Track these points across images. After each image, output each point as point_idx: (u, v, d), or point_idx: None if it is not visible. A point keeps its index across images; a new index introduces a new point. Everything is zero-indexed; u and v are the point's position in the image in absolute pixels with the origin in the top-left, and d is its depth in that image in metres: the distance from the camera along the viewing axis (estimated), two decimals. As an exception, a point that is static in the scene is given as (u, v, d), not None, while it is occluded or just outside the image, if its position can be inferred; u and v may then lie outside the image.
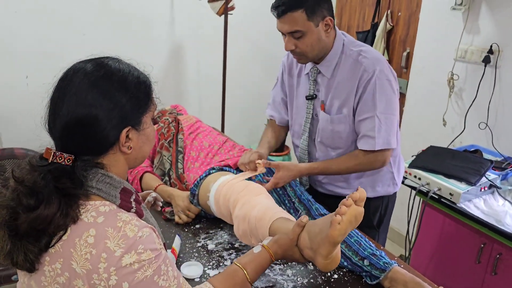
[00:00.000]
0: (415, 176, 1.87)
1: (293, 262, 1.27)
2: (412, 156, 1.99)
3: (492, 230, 1.61)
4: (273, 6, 1.37)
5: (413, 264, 2.01)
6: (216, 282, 0.94)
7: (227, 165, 1.59)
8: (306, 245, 1.03)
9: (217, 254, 1.33)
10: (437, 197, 1.78)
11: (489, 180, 1.75)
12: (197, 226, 1.49)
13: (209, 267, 1.27)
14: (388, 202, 1.67)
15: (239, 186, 1.36)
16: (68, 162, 0.78)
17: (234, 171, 1.57)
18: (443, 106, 2.31)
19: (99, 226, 0.75)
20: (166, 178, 1.67)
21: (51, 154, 0.77)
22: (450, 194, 1.73)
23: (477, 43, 2.11)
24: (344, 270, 1.26)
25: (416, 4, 2.46)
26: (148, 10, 2.78)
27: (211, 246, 1.37)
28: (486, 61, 2.04)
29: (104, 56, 0.85)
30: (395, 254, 1.36)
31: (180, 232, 1.44)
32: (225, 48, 2.86)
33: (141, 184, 1.65)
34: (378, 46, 2.65)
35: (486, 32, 2.07)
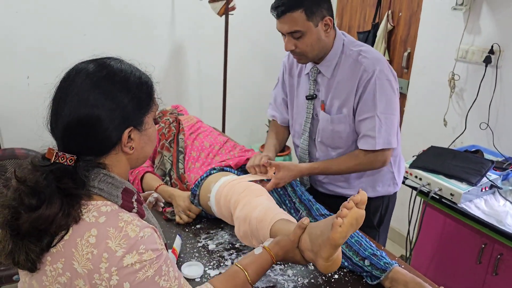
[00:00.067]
0: (416, 177, 1.87)
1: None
2: (413, 156, 1.99)
3: (493, 231, 1.61)
4: (273, 7, 1.38)
5: (414, 265, 2.01)
6: (217, 283, 0.94)
7: (228, 166, 1.59)
8: (307, 247, 1.04)
9: (218, 254, 1.33)
10: (438, 198, 1.78)
11: (490, 181, 1.75)
12: (198, 226, 1.49)
13: (210, 267, 1.27)
14: (389, 202, 1.67)
15: (240, 187, 1.36)
16: (70, 162, 0.78)
17: (235, 172, 1.57)
18: (444, 106, 2.31)
19: (101, 226, 0.75)
20: (167, 178, 1.67)
21: (53, 154, 0.78)
22: (451, 195, 1.73)
23: (478, 43, 2.11)
24: (345, 270, 1.26)
25: (417, 4, 2.46)
26: (149, 10, 2.79)
27: (212, 246, 1.37)
28: (487, 61, 2.04)
29: (106, 57, 0.85)
30: (396, 255, 1.36)
31: (181, 232, 1.44)
32: (226, 48, 2.86)
33: (142, 184, 1.66)
34: (379, 47, 2.65)
35: (487, 32, 2.07)
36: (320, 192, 1.66)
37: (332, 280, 1.22)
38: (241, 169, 1.63)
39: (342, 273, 1.25)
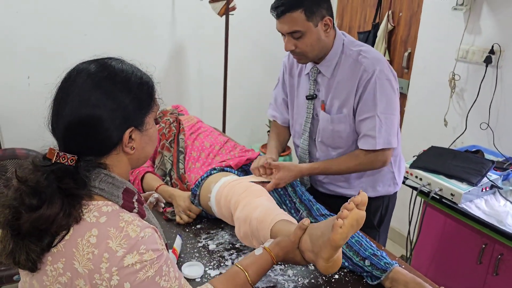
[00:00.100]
0: (416, 177, 1.87)
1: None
2: (414, 157, 1.99)
3: (494, 231, 1.61)
4: (272, 7, 1.38)
5: (414, 265, 2.01)
6: (218, 284, 0.94)
7: (229, 166, 1.59)
8: (308, 248, 1.04)
9: (218, 254, 1.33)
10: (438, 198, 1.78)
11: (491, 181, 1.75)
12: (198, 226, 1.49)
13: (210, 267, 1.27)
14: (389, 202, 1.67)
15: (240, 188, 1.36)
16: (71, 163, 0.78)
17: (236, 172, 1.58)
18: (445, 106, 2.31)
19: (102, 226, 0.75)
20: (167, 178, 1.67)
21: (55, 155, 0.78)
22: (452, 195, 1.73)
23: (479, 43, 2.11)
24: (345, 271, 1.26)
25: (417, 5, 2.46)
26: (149, 10, 2.79)
27: (212, 246, 1.37)
28: (488, 61, 2.04)
29: (107, 57, 0.85)
30: (396, 255, 1.35)
31: (181, 232, 1.44)
32: (226, 49, 2.87)
33: (142, 184, 1.66)
34: (380, 47, 2.65)
35: (488, 32, 2.07)
36: (321, 192, 1.66)
37: (333, 280, 1.22)
38: (242, 169, 1.63)
39: (343, 273, 1.25)
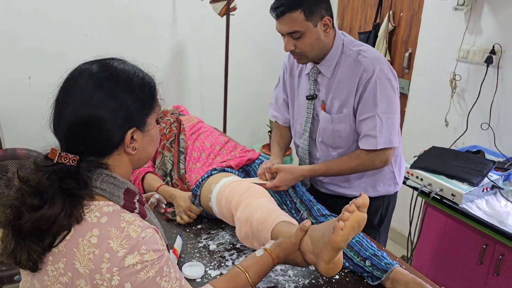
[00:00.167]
0: (417, 177, 1.87)
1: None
2: (414, 157, 1.99)
3: (495, 231, 1.61)
4: (272, 8, 1.38)
5: (415, 265, 2.01)
6: (218, 284, 0.94)
7: (229, 166, 1.59)
8: (309, 250, 1.04)
9: (219, 255, 1.33)
10: (439, 198, 1.78)
11: (492, 181, 1.75)
12: (199, 227, 1.49)
13: (211, 268, 1.27)
14: (389, 202, 1.67)
15: (241, 188, 1.36)
16: (73, 163, 0.78)
17: (236, 172, 1.58)
18: (445, 107, 2.31)
19: (103, 226, 0.75)
20: (168, 179, 1.67)
21: (56, 155, 0.78)
22: (452, 195, 1.73)
23: (479, 44, 2.11)
24: (346, 271, 1.26)
25: (418, 5, 2.46)
26: (150, 11, 2.79)
27: (213, 247, 1.37)
28: (489, 62, 2.04)
29: (110, 57, 0.85)
30: (397, 255, 1.35)
31: (182, 233, 1.44)
32: (227, 49, 2.87)
33: (143, 185, 1.66)
34: (380, 47, 2.65)
35: (488, 33, 2.07)
36: (321, 192, 1.66)
37: (333, 281, 1.22)
38: (242, 170, 1.63)
39: (343, 274, 1.25)
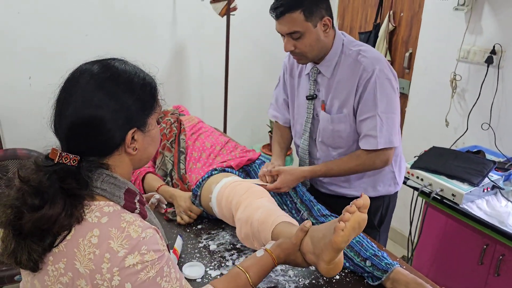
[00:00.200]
0: (418, 177, 1.87)
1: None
2: (415, 157, 1.99)
3: (495, 231, 1.61)
4: (272, 8, 1.38)
5: (416, 265, 2.01)
6: (219, 285, 0.94)
7: (229, 166, 1.59)
8: (309, 250, 1.04)
9: (219, 255, 1.33)
10: (440, 198, 1.78)
11: (492, 181, 1.75)
12: (199, 227, 1.49)
13: (211, 268, 1.27)
14: (389, 202, 1.67)
15: (242, 189, 1.36)
16: (74, 163, 0.78)
17: (236, 172, 1.58)
18: (446, 107, 2.31)
19: (103, 227, 0.75)
20: (168, 179, 1.67)
21: (57, 155, 0.78)
22: (453, 195, 1.73)
23: (480, 44, 2.11)
24: (346, 271, 1.26)
25: (419, 5, 2.46)
26: (150, 11, 2.79)
27: (213, 247, 1.37)
28: (489, 62, 2.04)
29: (111, 58, 0.86)
30: (398, 255, 1.35)
31: (182, 233, 1.44)
32: (227, 49, 2.87)
33: (143, 185, 1.66)
34: (381, 47, 2.65)
35: (489, 33, 2.07)
36: (321, 192, 1.66)
37: (334, 281, 1.22)
38: (242, 170, 1.63)
39: (343, 274, 1.25)
